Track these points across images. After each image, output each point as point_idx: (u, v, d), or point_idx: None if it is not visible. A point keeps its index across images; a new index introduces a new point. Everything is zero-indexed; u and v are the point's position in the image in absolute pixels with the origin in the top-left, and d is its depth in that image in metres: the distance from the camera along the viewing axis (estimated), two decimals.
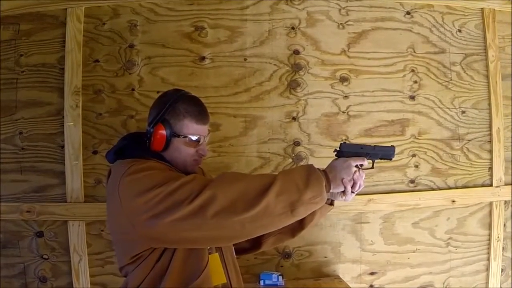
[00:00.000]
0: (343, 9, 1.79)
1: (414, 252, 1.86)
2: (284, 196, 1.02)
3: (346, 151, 1.18)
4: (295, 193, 1.03)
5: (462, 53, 1.94)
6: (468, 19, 1.95)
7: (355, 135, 1.80)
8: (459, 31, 1.94)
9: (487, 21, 1.97)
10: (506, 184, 1.97)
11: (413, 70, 1.87)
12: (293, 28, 1.73)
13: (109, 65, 1.62)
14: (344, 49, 1.79)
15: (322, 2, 1.77)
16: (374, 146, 1.21)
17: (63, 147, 1.62)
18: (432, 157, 1.91)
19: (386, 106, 1.84)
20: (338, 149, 1.18)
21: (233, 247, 1.26)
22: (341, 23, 1.78)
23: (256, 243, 1.32)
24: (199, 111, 1.21)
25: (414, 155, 1.88)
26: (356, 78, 1.80)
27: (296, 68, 1.73)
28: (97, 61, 1.62)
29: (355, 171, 1.13)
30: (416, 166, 1.89)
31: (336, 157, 1.18)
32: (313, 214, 1.17)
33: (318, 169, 1.10)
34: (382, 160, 1.23)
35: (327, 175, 1.11)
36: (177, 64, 1.65)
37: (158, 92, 1.56)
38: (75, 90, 1.60)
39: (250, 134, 1.70)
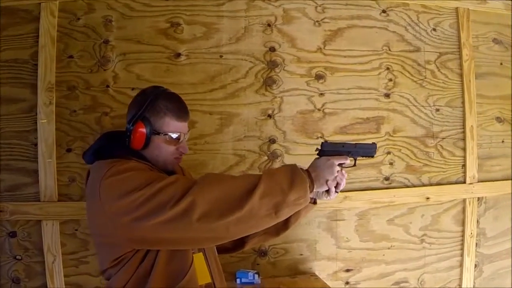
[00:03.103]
0: (319, 6, 2.05)
1: (389, 248, 2.15)
2: (268, 198, 1.12)
3: (328, 150, 1.31)
4: (279, 195, 1.13)
5: (437, 52, 2.24)
6: (443, 18, 2.26)
7: (330, 132, 2.05)
8: (434, 30, 2.24)
9: (462, 20, 2.28)
10: (479, 181, 2.29)
11: (388, 68, 2.15)
12: (269, 25, 1.97)
13: (83, 61, 1.76)
14: (320, 47, 2.04)
15: None
16: (356, 143, 1.36)
17: (36, 144, 1.75)
18: (406, 154, 2.19)
19: (361, 103, 2.11)
20: (319, 148, 1.32)
21: (215, 246, 1.38)
22: (317, 21, 2.04)
23: (239, 243, 1.44)
24: (180, 108, 1.33)
25: (389, 153, 2.16)
26: (331, 75, 2.06)
27: (272, 65, 1.97)
28: (71, 57, 1.78)
29: (338, 170, 1.26)
30: (391, 164, 2.17)
31: (317, 156, 1.31)
32: (297, 213, 1.29)
33: (301, 168, 1.22)
34: (364, 158, 1.41)
35: (311, 175, 1.22)
36: (153, 61, 1.81)
37: (133, 89, 1.76)
38: (48, 87, 1.75)
39: (225, 131, 1.92)
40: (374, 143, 1.41)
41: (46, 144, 1.76)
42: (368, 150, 1.39)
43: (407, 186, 2.19)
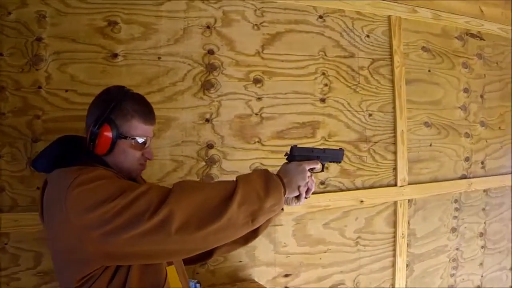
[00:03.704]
0: (259, 10, 2.29)
1: (325, 252, 2.45)
2: (246, 206, 1.20)
3: (298, 155, 1.43)
4: (256, 202, 1.21)
5: (370, 58, 2.61)
6: (376, 26, 2.64)
7: (267, 137, 2.32)
8: (368, 36, 2.59)
9: (394, 28, 2.68)
10: (409, 184, 2.69)
11: (324, 73, 2.46)
12: (208, 27, 2.18)
13: (14, 60, 1.80)
14: (258, 50, 2.29)
15: (238, 2, 2.24)
16: (324, 149, 1.51)
17: None
18: None
19: (298, 108, 2.41)
20: (288, 152, 1.45)
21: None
22: (256, 24, 2.29)
23: (207, 253, 1.50)
24: (147, 110, 1.39)
25: None
26: (269, 80, 2.32)
27: (211, 68, 2.18)
28: (1, 54, 1.82)
29: (309, 176, 1.37)
30: (326, 168, 2.45)
31: (286, 161, 1.44)
32: (267, 221, 1.37)
33: (273, 174, 1.32)
34: (332, 163, 1.64)
35: (283, 181, 1.31)
36: (88, 61, 1.90)
37: (66, 90, 1.88)
38: None
39: (163, 136, 2.09)
40: (341, 148, 1.59)
41: None
42: (336, 156, 1.56)
43: (342, 190, 2.53)
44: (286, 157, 1.46)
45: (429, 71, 2.87)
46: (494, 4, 3.20)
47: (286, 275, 2.37)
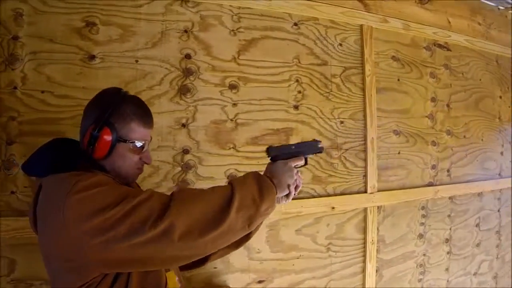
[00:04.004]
0: (235, 15, 2.42)
1: (298, 258, 2.59)
2: (243, 211, 1.26)
3: (281, 154, 1.50)
4: (252, 207, 1.28)
5: (342, 66, 2.78)
6: (349, 34, 2.81)
7: (242, 143, 2.44)
8: (340, 45, 2.76)
9: (366, 37, 2.86)
10: (378, 191, 2.86)
11: (297, 80, 2.61)
12: (186, 31, 2.28)
13: None
14: (234, 56, 2.41)
15: (215, 7, 2.37)
16: (302, 142, 1.59)
17: None
18: (313, 165, 2.66)
19: (272, 115, 2.54)
20: (268, 153, 1.51)
21: None
22: (232, 30, 2.41)
23: (204, 258, 1.56)
24: (146, 113, 1.42)
25: None
26: (244, 86, 2.44)
27: (187, 73, 2.28)
28: None
29: (296, 173, 1.44)
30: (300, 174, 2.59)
31: (271, 161, 1.51)
32: (260, 223, 1.43)
33: (265, 176, 1.38)
34: (315, 155, 1.68)
35: (273, 182, 1.38)
36: (65, 62, 1.95)
37: (43, 91, 1.93)
38: None
39: None
40: (315, 140, 1.67)
41: None
42: (316, 147, 1.63)
43: (314, 197, 2.68)
44: (269, 158, 1.52)
45: (398, 80, 3.08)
46: (460, 16, 3.47)
47: (260, 281, 2.49)
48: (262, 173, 1.47)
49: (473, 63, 3.60)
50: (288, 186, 1.43)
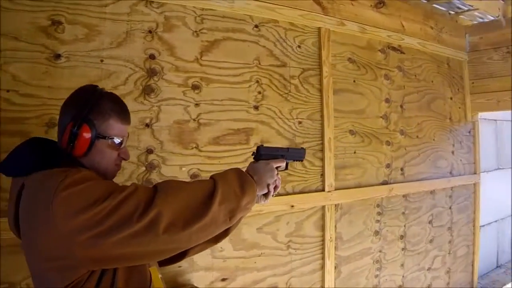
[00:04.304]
0: (199, 16, 2.58)
1: (259, 256, 2.77)
2: (225, 204, 1.34)
3: (265, 154, 1.61)
4: (234, 200, 1.36)
5: (300, 68, 2.99)
6: (307, 37, 3.03)
7: (204, 143, 2.59)
8: (299, 47, 2.98)
9: (323, 39, 3.09)
10: (336, 189, 3.09)
11: (257, 81, 2.79)
12: (150, 31, 2.41)
13: None
14: (197, 57, 2.57)
15: (179, 8, 2.52)
16: (288, 148, 1.73)
17: None
18: None
19: (233, 115, 2.72)
20: (255, 152, 1.62)
21: None
22: (195, 31, 2.56)
23: (182, 253, 1.59)
24: (123, 109, 1.48)
25: None
26: (207, 86, 2.60)
27: (151, 73, 2.41)
28: None
29: (276, 174, 1.53)
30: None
31: (253, 160, 1.61)
32: (239, 219, 1.50)
33: (246, 173, 1.47)
34: (295, 162, 1.85)
35: (253, 178, 1.46)
36: (30, 61, 2.00)
37: (8, 91, 2.01)
38: None
39: None
40: (303, 148, 1.85)
41: None
42: (299, 155, 1.80)
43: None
44: (253, 156, 1.64)
45: (354, 81, 3.33)
46: (414, 20, 3.78)
47: (223, 279, 2.65)
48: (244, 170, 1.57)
49: (425, 65, 3.92)
50: (268, 185, 1.54)
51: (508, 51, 4.09)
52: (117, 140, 1.46)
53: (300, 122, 2.99)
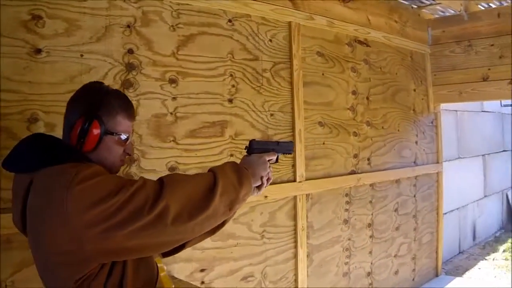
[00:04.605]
0: (175, 11, 2.70)
1: (235, 246, 2.95)
2: (225, 196, 1.43)
3: (257, 148, 1.72)
4: (233, 192, 1.46)
5: (272, 61, 3.17)
6: (278, 31, 3.22)
7: (182, 136, 2.73)
8: (270, 41, 3.16)
9: (294, 33, 3.28)
10: (306, 180, 3.29)
11: (231, 75, 2.96)
12: (128, 26, 2.50)
13: None
14: (174, 51, 2.70)
15: (156, 2, 2.62)
16: (277, 141, 1.86)
17: None
18: None
19: (208, 108, 2.87)
20: (247, 146, 1.74)
21: None
22: (172, 25, 2.69)
23: (181, 245, 1.67)
24: (130, 106, 1.55)
25: (231, 155, 2.97)
26: (183, 80, 2.74)
27: (130, 67, 2.52)
28: None
29: (268, 166, 1.65)
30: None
31: (246, 154, 1.73)
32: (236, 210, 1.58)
33: (241, 166, 1.58)
34: (285, 155, 1.98)
35: (248, 171, 1.57)
36: (12, 56, 2.03)
37: None
38: None
39: None
40: (291, 141, 1.98)
41: None
42: (288, 148, 1.93)
43: None
44: (246, 150, 1.76)
45: (323, 74, 3.55)
46: (379, 14, 4.02)
47: (202, 270, 2.81)
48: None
49: (390, 58, 4.18)
50: (261, 177, 1.66)
51: (469, 44, 4.42)
52: (123, 136, 1.52)
53: (272, 115, 3.17)
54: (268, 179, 1.70)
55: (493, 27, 4.31)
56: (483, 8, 4.59)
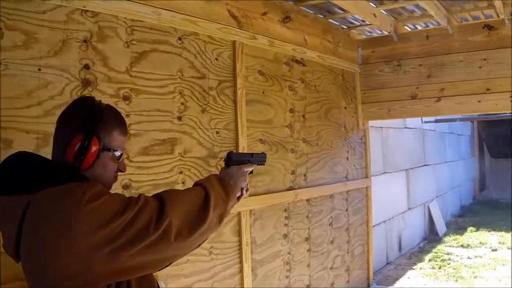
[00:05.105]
0: (129, 27, 2.86)
1: (186, 263, 3.14)
2: (217, 209, 1.55)
3: (235, 159, 1.85)
4: (222, 205, 1.59)
5: (218, 79, 3.43)
6: (223, 50, 3.48)
7: (135, 153, 2.88)
8: (216, 59, 3.41)
9: (238, 52, 3.56)
10: (250, 196, 3.52)
11: (180, 93, 3.16)
12: (85, 41, 2.59)
13: None
14: (127, 68, 2.84)
15: (112, 18, 2.67)
16: (252, 153, 2.01)
17: None
18: (194, 173, 3.25)
19: (159, 125, 3.05)
20: (226, 158, 1.87)
21: None
22: (126, 42, 2.84)
23: None
24: (123, 122, 1.60)
25: (181, 172, 3.17)
26: (136, 97, 2.90)
27: (86, 83, 2.61)
28: None
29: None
30: (183, 183, 3.17)
31: (225, 166, 1.85)
32: None
33: (224, 178, 1.71)
34: (259, 165, 2.10)
35: (230, 183, 1.69)
36: None
37: None
38: None
39: (42, 152, 2.31)
40: (264, 153, 2.15)
41: None
42: (262, 159, 2.07)
43: None
44: (225, 162, 1.89)
45: (263, 92, 3.86)
46: (315, 34, 4.42)
47: None
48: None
49: (323, 77, 4.58)
50: (242, 189, 1.79)
51: (398, 64, 4.92)
52: (118, 153, 1.56)
53: (217, 132, 3.40)
54: (247, 190, 1.83)
55: (422, 48, 4.86)
56: (409, 30, 5.13)
